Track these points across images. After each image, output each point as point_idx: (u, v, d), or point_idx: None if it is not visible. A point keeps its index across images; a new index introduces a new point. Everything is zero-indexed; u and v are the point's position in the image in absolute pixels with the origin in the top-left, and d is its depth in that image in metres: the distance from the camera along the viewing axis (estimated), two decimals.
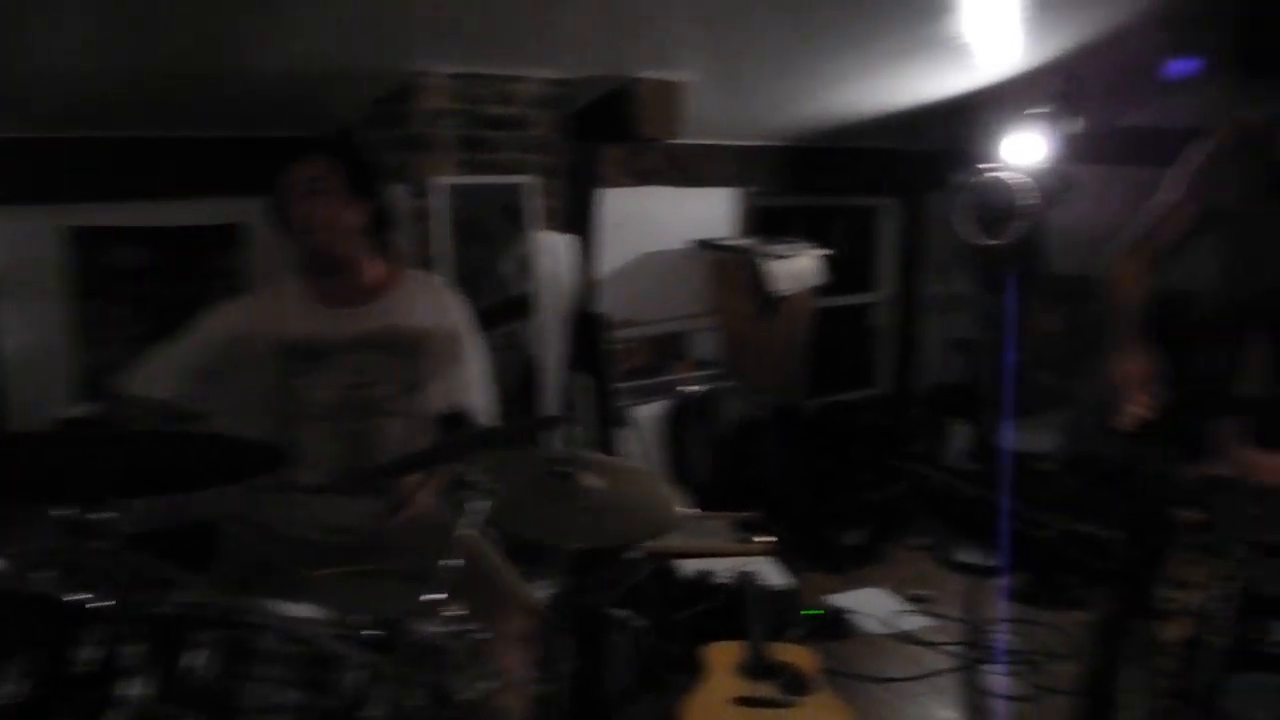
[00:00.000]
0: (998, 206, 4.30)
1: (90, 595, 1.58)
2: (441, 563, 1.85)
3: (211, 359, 2.59)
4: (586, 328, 4.42)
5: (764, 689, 3.05)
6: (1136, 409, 1.81)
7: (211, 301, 2.72)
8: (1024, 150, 4.11)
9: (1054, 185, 4.18)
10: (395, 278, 2.73)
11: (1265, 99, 1.60)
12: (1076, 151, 4.39)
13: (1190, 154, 1.97)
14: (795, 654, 3.29)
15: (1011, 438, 4.80)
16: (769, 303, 5.04)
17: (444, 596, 1.94)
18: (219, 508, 2.67)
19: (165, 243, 3.76)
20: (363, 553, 2.39)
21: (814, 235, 5.54)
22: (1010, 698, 3.62)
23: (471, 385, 2.70)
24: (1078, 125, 4.06)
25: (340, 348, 2.59)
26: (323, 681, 1.69)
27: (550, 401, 4.21)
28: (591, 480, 1.96)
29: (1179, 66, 4.64)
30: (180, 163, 3.69)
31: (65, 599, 1.59)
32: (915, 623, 4.11)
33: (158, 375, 2.56)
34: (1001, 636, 4.01)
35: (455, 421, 2.17)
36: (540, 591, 2.63)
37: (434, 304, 2.75)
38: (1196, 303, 1.96)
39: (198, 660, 1.60)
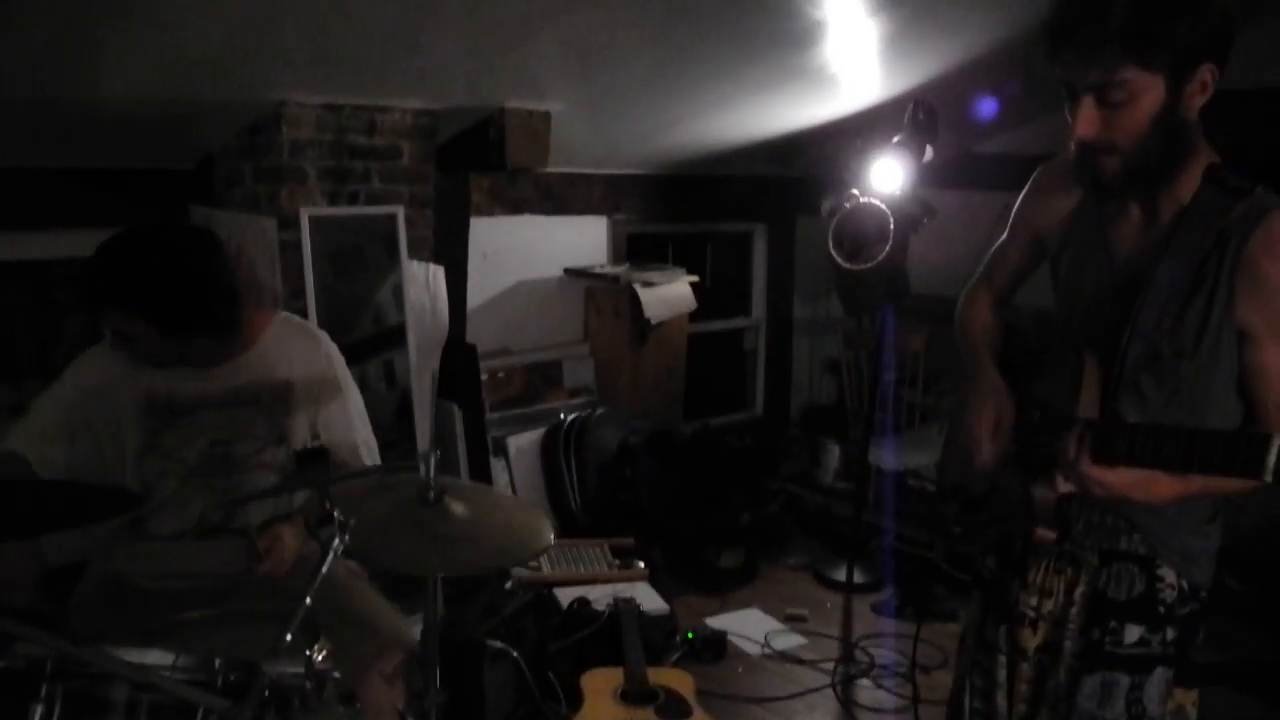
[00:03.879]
0: (863, 231, 4.41)
1: None
2: (308, 601, 1.81)
3: (81, 411, 2.48)
4: (458, 357, 4.40)
5: (643, 714, 3.06)
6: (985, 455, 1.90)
7: (66, 340, 2.62)
8: (888, 177, 4.23)
9: (916, 211, 4.31)
10: (263, 327, 2.59)
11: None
12: (936, 178, 4.54)
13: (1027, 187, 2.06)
14: (673, 678, 3.31)
15: (882, 456, 4.92)
16: (642, 329, 5.08)
17: (309, 636, 1.91)
18: (76, 554, 2.57)
19: (17, 278, 3.61)
20: (228, 595, 2.33)
21: (686, 261, 5.62)
22: (886, 712, 3.70)
23: (337, 423, 2.58)
24: (931, 153, 4.20)
25: (204, 403, 2.49)
26: None
27: (423, 432, 4.17)
28: (457, 508, 1.95)
29: (985, 107, 4.85)
30: (35, 194, 3.53)
31: None
32: (792, 641, 4.16)
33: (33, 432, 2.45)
34: (876, 652, 4.10)
35: (314, 457, 2.13)
36: (415, 624, 2.59)
37: (303, 350, 2.60)
38: (1038, 327, 2.04)
39: (45, 713, 1.55)
